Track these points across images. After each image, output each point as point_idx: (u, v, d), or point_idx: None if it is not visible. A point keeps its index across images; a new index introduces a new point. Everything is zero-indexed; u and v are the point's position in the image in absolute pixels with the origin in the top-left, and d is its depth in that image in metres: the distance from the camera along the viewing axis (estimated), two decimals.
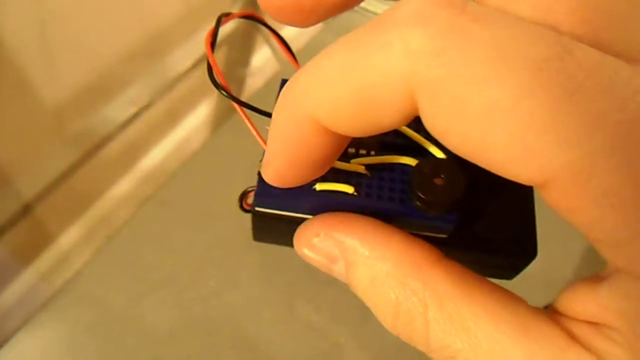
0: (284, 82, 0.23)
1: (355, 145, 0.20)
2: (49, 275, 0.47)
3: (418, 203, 0.19)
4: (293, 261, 0.31)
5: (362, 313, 0.31)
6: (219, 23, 0.22)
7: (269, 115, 0.21)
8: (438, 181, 0.19)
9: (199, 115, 0.47)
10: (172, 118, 0.47)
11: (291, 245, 0.24)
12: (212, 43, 0.21)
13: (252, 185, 0.22)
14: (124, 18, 0.43)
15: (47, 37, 0.37)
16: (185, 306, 0.32)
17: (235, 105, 0.20)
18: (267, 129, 0.22)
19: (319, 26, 0.42)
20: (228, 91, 0.20)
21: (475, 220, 0.20)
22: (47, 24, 0.36)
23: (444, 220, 0.19)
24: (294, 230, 0.21)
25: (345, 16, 0.42)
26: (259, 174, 0.20)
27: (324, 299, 0.31)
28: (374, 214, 0.20)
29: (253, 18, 0.24)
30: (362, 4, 0.41)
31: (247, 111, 0.21)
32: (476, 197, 0.20)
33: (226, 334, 0.31)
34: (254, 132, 0.20)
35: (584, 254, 0.31)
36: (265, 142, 0.21)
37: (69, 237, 0.48)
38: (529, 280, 0.22)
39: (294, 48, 0.25)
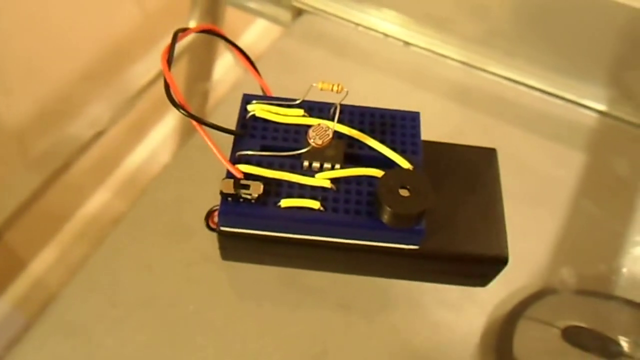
0: (245, 97, 0.22)
1: (320, 159, 0.20)
2: (24, 302, 0.45)
3: (385, 216, 0.18)
4: (272, 274, 0.31)
5: (345, 321, 0.31)
6: (175, 39, 0.21)
7: (228, 132, 0.21)
8: (404, 192, 0.18)
9: (165, 128, 0.46)
10: (138, 132, 0.46)
11: (260, 262, 0.23)
12: (169, 60, 0.20)
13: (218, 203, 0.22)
14: (78, 35, 0.42)
15: (1, 62, 0.36)
16: (167, 327, 0.31)
17: (195, 124, 0.20)
18: (230, 145, 0.21)
19: (278, 32, 0.42)
20: (186, 109, 0.20)
21: (445, 230, 0.20)
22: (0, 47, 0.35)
23: (413, 232, 0.19)
24: (262, 248, 0.21)
25: (307, 21, 0.41)
26: (221, 192, 0.19)
27: (307, 308, 0.31)
28: (341, 228, 0.19)
29: (211, 32, 0.23)
30: (329, 10, 0.40)
31: (207, 128, 0.20)
32: (445, 207, 0.20)
33: (211, 351, 0.31)
34: (214, 149, 0.20)
35: (553, 258, 0.31)
36: (225, 159, 0.20)
37: (42, 261, 0.47)
38: (502, 286, 0.22)
39: (252, 55, 0.24)
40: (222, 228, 0.20)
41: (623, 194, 0.32)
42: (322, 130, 0.19)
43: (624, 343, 0.27)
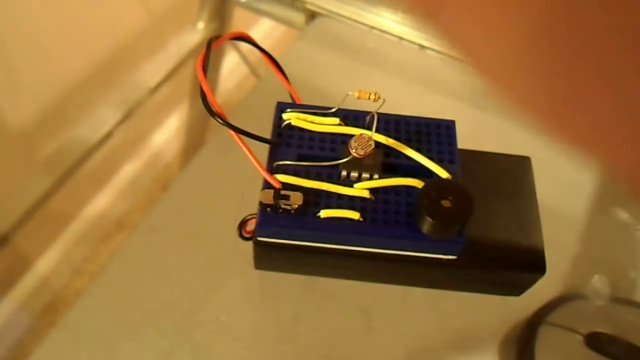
0: (280, 105, 0.22)
1: (358, 169, 0.20)
2: (29, 302, 0.45)
3: (426, 226, 0.18)
4: (293, 279, 0.31)
5: (365, 327, 0.31)
6: (209, 47, 0.21)
7: (266, 141, 0.21)
8: (446, 203, 0.18)
9: (171, 129, 0.46)
10: (141, 135, 0.46)
11: (295, 272, 0.23)
12: (204, 69, 0.20)
13: (252, 212, 0.21)
14: (84, 37, 0.41)
15: (9, 63, 0.36)
16: (185, 334, 0.31)
17: (232, 133, 0.20)
18: (266, 153, 0.21)
19: (294, 35, 0.42)
20: (224, 118, 0.20)
21: (482, 240, 0.20)
22: (8, 49, 0.35)
23: (453, 242, 0.19)
24: (298, 258, 0.21)
25: (321, 24, 0.41)
26: (261, 203, 0.19)
27: (327, 313, 0.31)
28: (381, 239, 0.19)
29: (243, 39, 0.23)
30: (343, 13, 0.40)
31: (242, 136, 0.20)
32: (482, 216, 0.20)
33: (231, 357, 0.31)
34: (253, 160, 0.20)
35: (590, 270, 0.31)
36: (264, 169, 0.20)
37: (46, 262, 0.47)
38: (537, 296, 0.22)
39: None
40: (259, 238, 0.20)
41: None
42: (364, 140, 0.19)
43: None
